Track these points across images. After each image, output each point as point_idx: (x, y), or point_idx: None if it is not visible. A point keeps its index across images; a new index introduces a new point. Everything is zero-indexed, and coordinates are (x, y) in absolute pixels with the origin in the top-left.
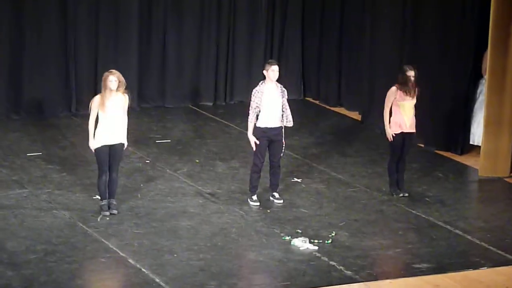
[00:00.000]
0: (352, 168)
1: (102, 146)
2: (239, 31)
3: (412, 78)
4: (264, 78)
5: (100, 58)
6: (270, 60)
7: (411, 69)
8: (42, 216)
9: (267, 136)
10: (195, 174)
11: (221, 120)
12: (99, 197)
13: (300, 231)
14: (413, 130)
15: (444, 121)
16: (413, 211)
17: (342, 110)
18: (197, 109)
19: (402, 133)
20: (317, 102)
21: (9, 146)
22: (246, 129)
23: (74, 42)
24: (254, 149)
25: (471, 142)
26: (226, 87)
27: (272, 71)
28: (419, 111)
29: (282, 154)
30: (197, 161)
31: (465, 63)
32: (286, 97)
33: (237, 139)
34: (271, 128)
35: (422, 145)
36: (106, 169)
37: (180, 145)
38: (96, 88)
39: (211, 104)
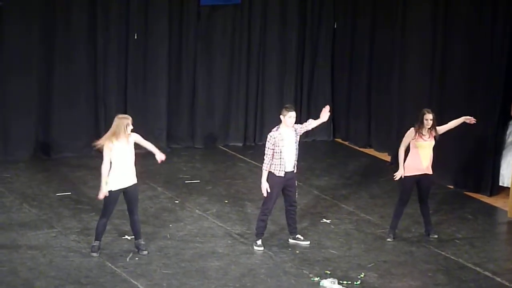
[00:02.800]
0: (381, 209)
1: (115, 190)
2: (269, 71)
3: (430, 122)
4: (279, 122)
5: (129, 98)
6: (287, 106)
7: (429, 112)
8: (71, 256)
9: (284, 180)
10: (224, 215)
11: (250, 160)
12: (128, 237)
13: (329, 272)
14: (430, 172)
15: (474, 163)
16: (442, 253)
17: (371, 151)
18: (226, 149)
19: (415, 176)
20: (346, 143)
21: (38, 185)
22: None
23: (103, 82)
24: (265, 195)
25: (500, 184)
26: (256, 127)
27: (290, 117)
28: (449, 152)
29: (297, 196)
30: (226, 201)
31: (494, 104)
32: (300, 127)
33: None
34: (287, 172)
35: (452, 187)
36: (111, 213)
37: (210, 185)
38: None
39: (240, 144)
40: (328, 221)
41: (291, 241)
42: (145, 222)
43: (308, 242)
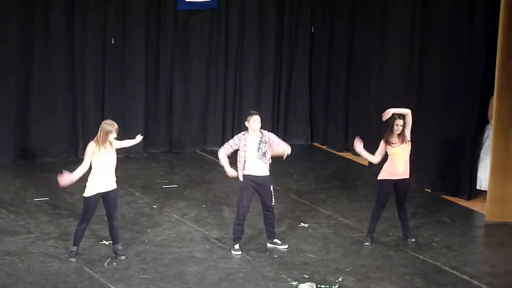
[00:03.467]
0: (359, 213)
1: (96, 195)
2: (246, 75)
3: (401, 127)
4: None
5: (107, 103)
6: (251, 111)
7: (399, 118)
8: (49, 262)
9: (255, 184)
10: (202, 219)
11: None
12: (106, 242)
13: (307, 276)
14: (407, 176)
15: (452, 166)
16: (420, 256)
17: (349, 155)
18: (204, 154)
19: (392, 180)
20: (324, 147)
21: (16, 191)
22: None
23: (81, 87)
24: (230, 174)
25: (478, 187)
26: (233, 132)
27: (254, 122)
28: (427, 156)
29: (273, 202)
30: (204, 206)
31: (472, 108)
32: (274, 138)
33: None
34: (258, 176)
35: (429, 190)
36: (90, 218)
37: (187, 190)
38: None
39: (218, 149)
40: (306, 225)
41: (269, 245)
42: (123, 227)
43: (286, 246)
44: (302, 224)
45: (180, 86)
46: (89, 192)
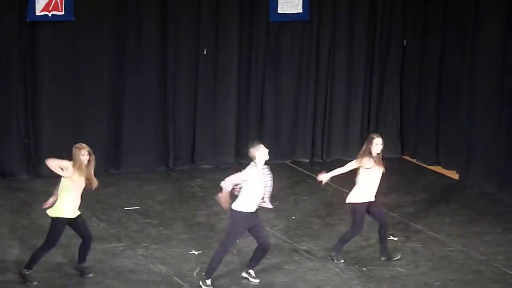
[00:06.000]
0: (448, 227)
1: (64, 218)
2: (336, 88)
3: (381, 146)
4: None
5: (198, 114)
6: (254, 141)
7: (378, 137)
8: (139, 271)
9: (251, 221)
10: (291, 231)
11: (317, 177)
12: (195, 252)
13: None
14: (374, 199)
15: None
16: (510, 272)
17: (439, 169)
18: (294, 165)
19: (366, 203)
20: (414, 160)
21: (107, 200)
22: (337, 187)
23: (173, 98)
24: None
25: None
26: (323, 144)
27: (263, 153)
28: None
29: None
30: (294, 217)
31: None
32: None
33: (333, 196)
34: (254, 212)
35: None
36: (57, 243)
37: (277, 201)
38: (194, 143)
39: (308, 161)
40: (395, 238)
41: (243, 274)
42: (212, 238)
43: (258, 281)
44: (392, 238)
45: (271, 97)
46: (59, 213)
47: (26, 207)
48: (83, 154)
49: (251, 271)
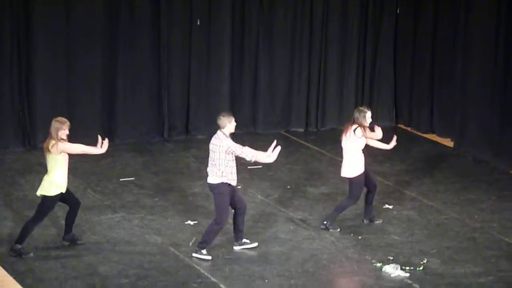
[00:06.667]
0: (443, 195)
1: (58, 194)
2: (330, 58)
3: (370, 119)
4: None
5: (192, 85)
6: (227, 112)
7: (368, 109)
8: (134, 241)
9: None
10: (286, 200)
11: (312, 146)
12: (190, 222)
13: (391, 258)
14: None
15: None
16: (505, 239)
17: (434, 137)
18: (288, 135)
19: (363, 174)
20: (408, 128)
21: (102, 171)
22: (332, 156)
23: (167, 68)
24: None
25: None
26: (318, 113)
27: (233, 126)
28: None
29: None
30: (288, 187)
31: None
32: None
33: (328, 165)
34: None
35: None
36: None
37: (271, 171)
38: (188, 114)
39: (302, 130)
40: (390, 207)
41: (237, 248)
42: (207, 207)
43: (256, 243)
44: (387, 206)
45: (265, 67)
46: (54, 191)
47: (21, 179)
48: (65, 128)
49: (245, 240)
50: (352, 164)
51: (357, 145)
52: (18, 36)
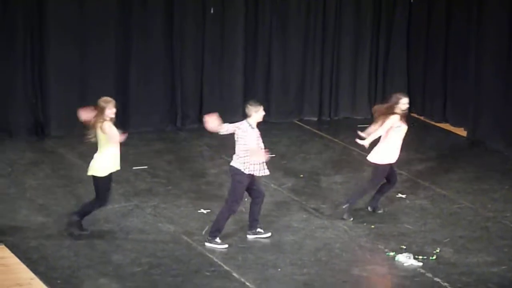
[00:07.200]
0: (457, 185)
1: (110, 174)
2: (343, 47)
3: (407, 105)
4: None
5: (205, 74)
6: (256, 102)
7: (405, 96)
8: (147, 230)
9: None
10: (300, 189)
11: (325, 135)
12: (204, 211)
13: (404, 247)
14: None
15: None
16: None
17: (447, 126)
18: (302, 124)
19: (390, 164)
20: (422, 118)
21: None
22: (345, 145)
23: (180, 57)
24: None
25: None
26: (331, 102)
27: (260, 115)
28: None
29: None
30: (302, 176)
31: None
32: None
33: (341, 154)
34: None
35: None
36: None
37: (285, 159)
38: (201, 102)
39: (315, 119)
40: (403, 196)
41: (251, 236)
42: (221, 196)
43: (269, 233)
44: (400, 195)
45: (278, 57)
46: (105, 171)
47: (34, 167)
48: (111, 108)
49: (258, 229)
50: (382, 150)
51: (391, 132)
52: (31, 25)
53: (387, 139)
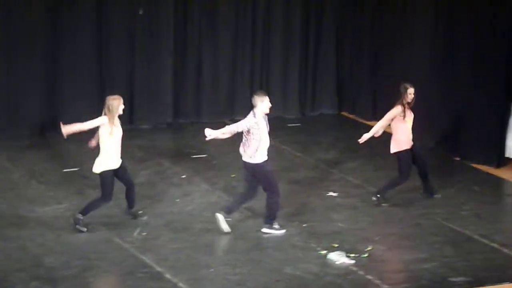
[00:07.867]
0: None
1: (109, 170)
2: (273, 47)
3: (413, 95)
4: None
5: (135, 74)
6: (262, 91)
7: (411, 86)
8: (79, 232)
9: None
10: (231, 189)
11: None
12: (140, 212)
13: (336, 245)
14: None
15: (480, 135)
16: (449, 225)
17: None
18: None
19: (408, 150)
20: (352, 116)
21: (45, 162)
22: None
23: (109, 59)
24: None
25: (507, 155)
26: None
27: (268, 103)
28: (455, 125)
29: None
30: (233, 175)
31: (499, 77)
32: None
33: (272, 152)
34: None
35: (458, 159)
36: (112, 192)
37: (216, 159)
38: (132, 103)
39: None
40: (335, 194)
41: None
42: (152, 198)
43: (284, 230)
44: (331, 194)
45: (208, 57)
46: (103, 167)
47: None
48: (122, 106)
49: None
50: (396, 140)
51: (399, 121)
52: None
53: (398, 131)
